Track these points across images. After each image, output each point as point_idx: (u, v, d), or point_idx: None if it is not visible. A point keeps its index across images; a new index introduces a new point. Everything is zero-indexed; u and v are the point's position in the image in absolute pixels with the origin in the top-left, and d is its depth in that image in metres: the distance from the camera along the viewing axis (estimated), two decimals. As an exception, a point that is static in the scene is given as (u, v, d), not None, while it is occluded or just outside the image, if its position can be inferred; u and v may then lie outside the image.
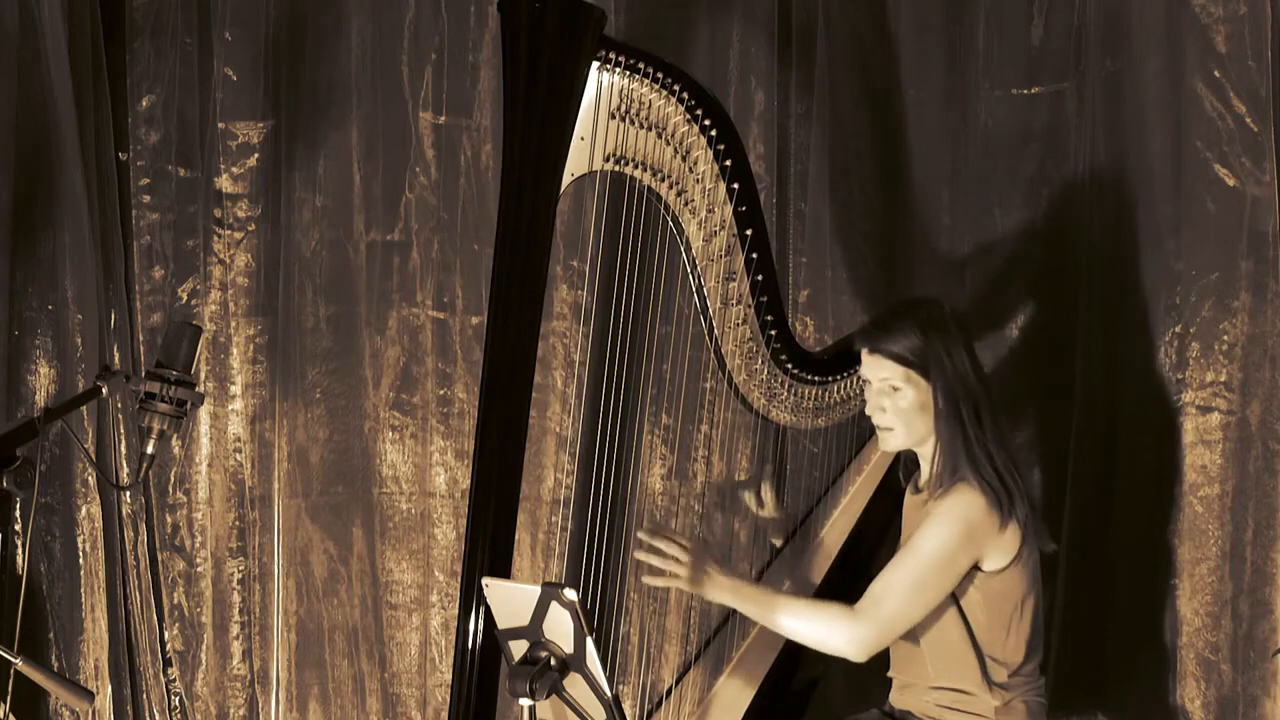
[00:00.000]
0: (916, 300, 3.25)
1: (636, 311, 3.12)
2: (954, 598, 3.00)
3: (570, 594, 2.46)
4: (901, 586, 2.95)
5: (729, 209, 3.06)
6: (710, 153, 3.02)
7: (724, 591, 3.00)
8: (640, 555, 3.02)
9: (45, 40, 3.94)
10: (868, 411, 3.10)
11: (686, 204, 3.05)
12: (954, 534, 2.95)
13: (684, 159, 3.03)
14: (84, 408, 3.92)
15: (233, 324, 4.19)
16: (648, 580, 3.02)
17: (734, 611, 3.28)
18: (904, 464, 3.27)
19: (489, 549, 2.88)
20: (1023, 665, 3.07)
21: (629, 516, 3.70)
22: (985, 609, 3.01)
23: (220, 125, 4.14)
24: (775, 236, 3.86)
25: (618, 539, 3.51)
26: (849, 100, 3.92)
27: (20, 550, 4.02)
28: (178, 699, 4.20)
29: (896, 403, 3.04)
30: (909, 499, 3.21)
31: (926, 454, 3.10)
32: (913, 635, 3.06)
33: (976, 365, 3.05)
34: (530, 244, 2.91)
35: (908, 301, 3.27)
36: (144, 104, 4.17)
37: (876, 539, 3.30)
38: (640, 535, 3.03)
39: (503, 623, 2.60)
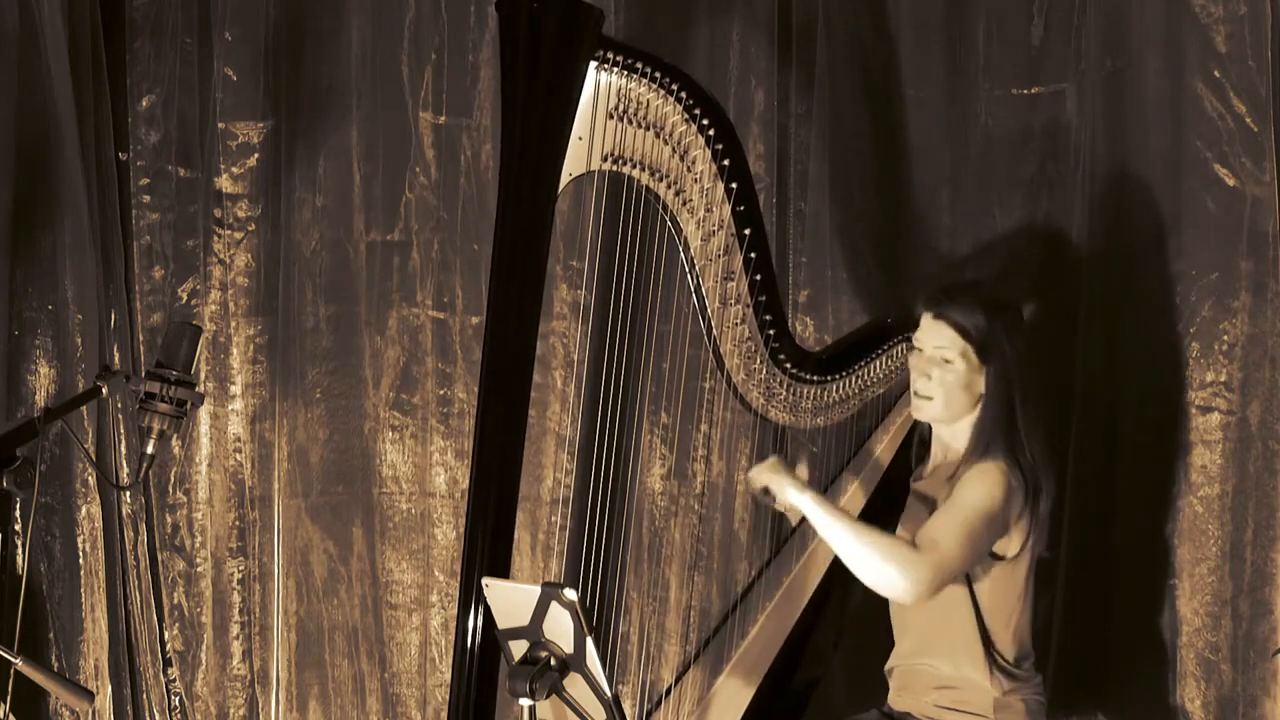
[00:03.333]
0: (985, 280, 3.29)
1: (635, 311, 3.13)
2: (966, 577, 3.02)
3: (570, 594, 2.46)
4: (955, 531, 2.96)
5: (727, 208, 3.06)
6: (708, 152, 3.03)
7: (809, 494, 3.01)
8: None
9: (45, 40, 3.94)
10: (912, 376, 3.13)
11: (685, 203, 3.06)
12: (995, 491, 2.98)
13: (682, 158, 3.03)
14: (84, 408, 3.92)
15: (233, 324, 4.19)
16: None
17: (734, 609, 3.29)
18: (917, 448, 3.29)
19: (489, 549, 2.88)
20: (1018, 661, 3.08)
21: (628, 516, 3.71)
22: (990, 595, 3.03)
23: (220, 125, 4.14)
24: (775, 236, 3.86)
25: (617, 538, 3.52)
26: (849, 100, 3.92)
27: (20, 550, 4.02)
28: (178, 699, 4.20)
29: (944, 374, 3.07)
30: (915, 487, 3.22)
31: (954, 433, 3.12)
32: (919, 615, 3.07)
33: (1024, 356, 3.09)
34: (529, 243, 2.91)
35: (978, 280, 3.31)
36: (144, 104, 4.17)
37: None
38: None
39: (503, 623, 2.60)
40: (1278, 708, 3.50)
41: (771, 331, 3.16)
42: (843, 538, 2.97)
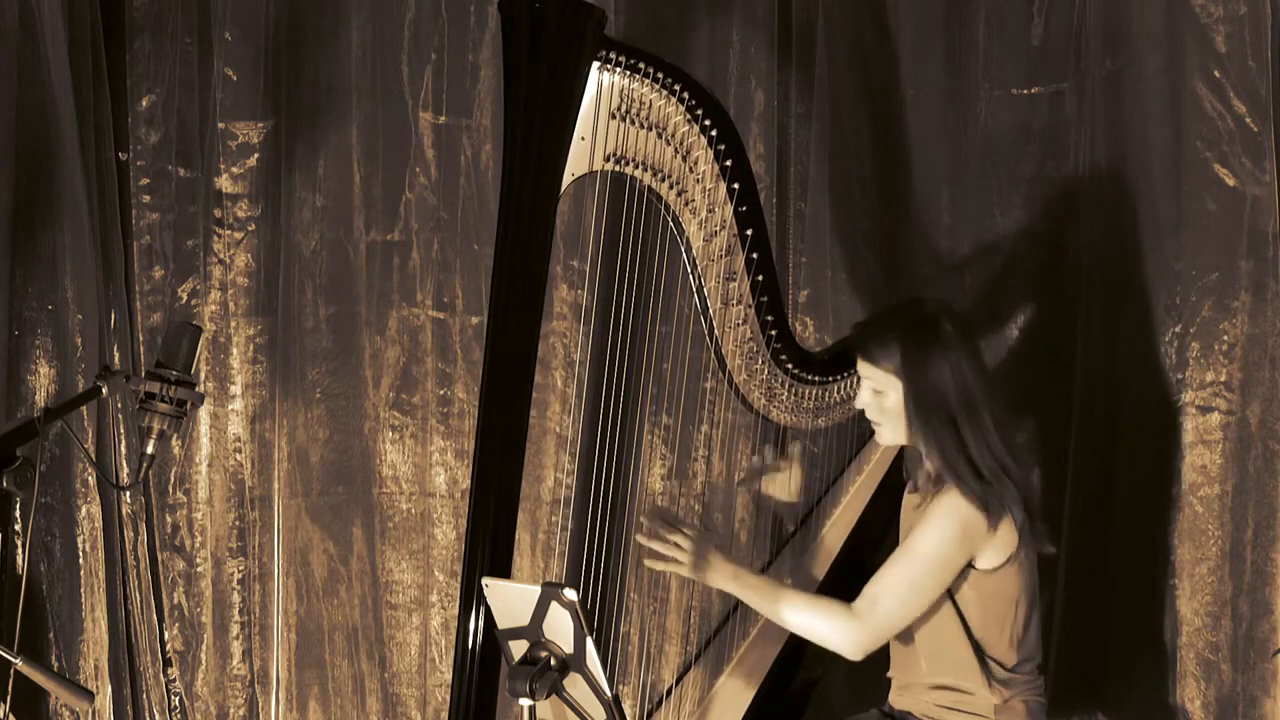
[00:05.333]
0: (906, 303, 3.26)
1: (637, 311, 3.12)
2: (949, 594, 3.01)
3: (570, 594, 2.46)
4: (898, 587, 2.97)
5: (729, 209, 3.06)
6: (710, 153, 3.03)
7: (726, 579, 3.04)
8: (642, 539, 3.04)
9: (45, 40, 3.94)
10: (857, 406, 3.13)
11: (687, 204, 3.05)
12: (949, 534, 2.96)
13: (684, 159, 3.03)
14: (84, 408, 3.92)
15: (233, 324, 4.19)
16: (650, 564, 3.05)
17: (734, 610, 3.29)
18: (906, 461, 3.28)
19: (489, 549, 2.88)
20: (1019, 665, 3.07)
21: (629, 516, 3.71)
22: (980, 606, 3.02)
23: (220, 125, 4.14)
24: (775, 236, 3.86)
25: (618, 539, 3.51)
26: (849, 100, 3.92)
27: (20, 550, 4.02)
28: (178, 699, 4.20)
29: (881, 403, 3.07)
30: (907, 497, 3.21)
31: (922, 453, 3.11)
32: (910, 634, 3.07)
33: (973, 366, 3.02)
34: (530, 244, 2.91)
35: (897, 305, 3.29)
36: (144, 104, 4.17)
37: (878, 537, 3.30)
38: (643, 519, 3.06)
39: (503, 623, 2.60)
40: (1278, 708, 3.50)
41: (773, 332, 3.16)
42: (777, 613, 3.02)
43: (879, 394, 3.06)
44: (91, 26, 4.03)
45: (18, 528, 4.02)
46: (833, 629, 2.98)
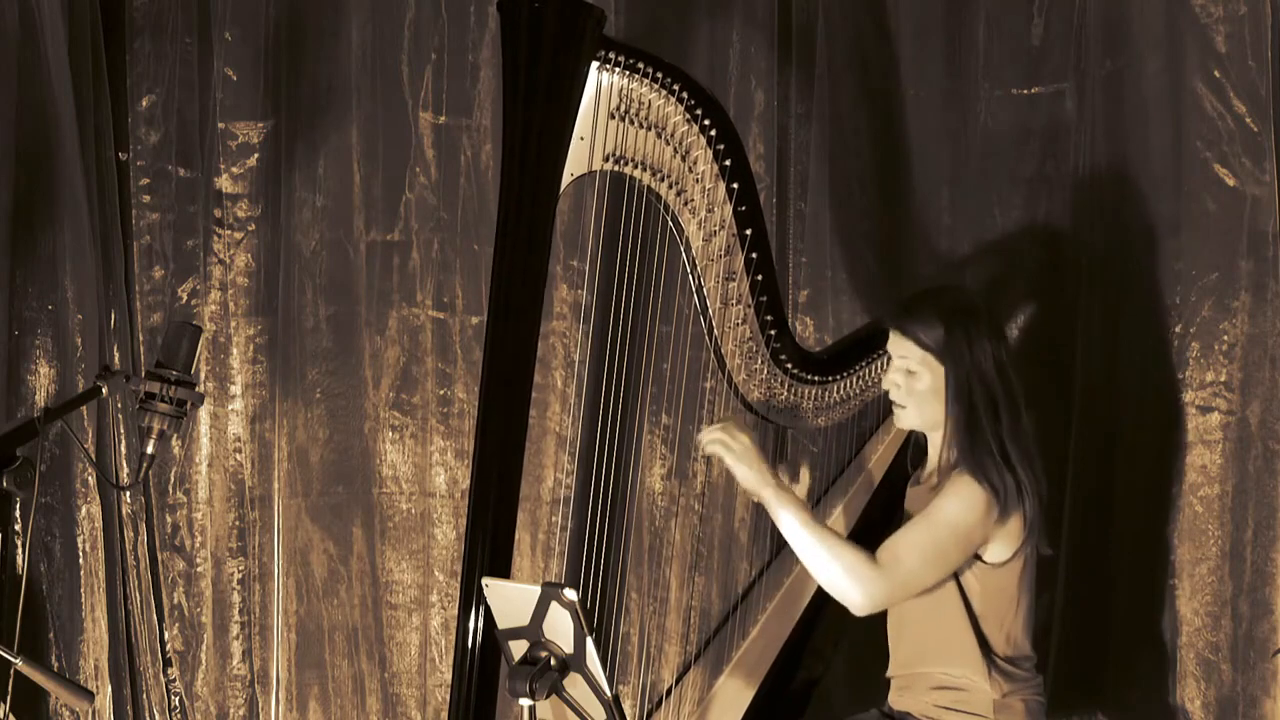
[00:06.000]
0: (949, 287, 3.29)
1: (636, 311, 3.13)
2: (955, 579, 3.01)
3: (570, 594, 2.46)
4: (921, 547, 2.95)
5: (728, 208, 3.06)
6: (710, 152, 3.03)
7: (767, 485, 2.97)
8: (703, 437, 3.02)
9: (45, 40, 3.94)
10: (884, 386, 3.12)
11: (686, 203, 3.06)
12: (971, 505, 2.95)
13: (683, 159, 3.03)
14: (84, 408, 3.92)
15: (233, 324, 4.19)
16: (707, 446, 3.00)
17: (734, 610, 3.29)
18: (910, 454, 3.29)
19: (489, 549, 2.88)
20: (1018, 660, 3.07)
21: (629, 516, 3.71)
22: (982, 599, 3.02)
23: (220, 125, 4.14)
24: (775, 236, 3.87)
25: (617, 539, 3.52)
26: (849, 100, 3.92)
27: (20, 550, 4.02)
28: (178, 699, 4.20)
29: (911, 384, 3.06)
30: (911, 490, 3.21)
31: (936, 441, 3.11)
32: (913, 624, 3.07)
33: (1000, 358, 3.04)
34: (530, 243, 2.91)
35: (940, 287, 3.30)
36: (144, 104, 4.17)
37: (880, 533, 3.30)
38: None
39: (503, 623, 2.60)
40: (1278, 708, 3.50)
41: (773, 332, 3.16)
42: (806, 541, 2.95)
43: (913, 375, 3.05)
44: (91, 26, 4.03)
45: (18, 528, 4.02)
46: (851, 575, 2.92)
